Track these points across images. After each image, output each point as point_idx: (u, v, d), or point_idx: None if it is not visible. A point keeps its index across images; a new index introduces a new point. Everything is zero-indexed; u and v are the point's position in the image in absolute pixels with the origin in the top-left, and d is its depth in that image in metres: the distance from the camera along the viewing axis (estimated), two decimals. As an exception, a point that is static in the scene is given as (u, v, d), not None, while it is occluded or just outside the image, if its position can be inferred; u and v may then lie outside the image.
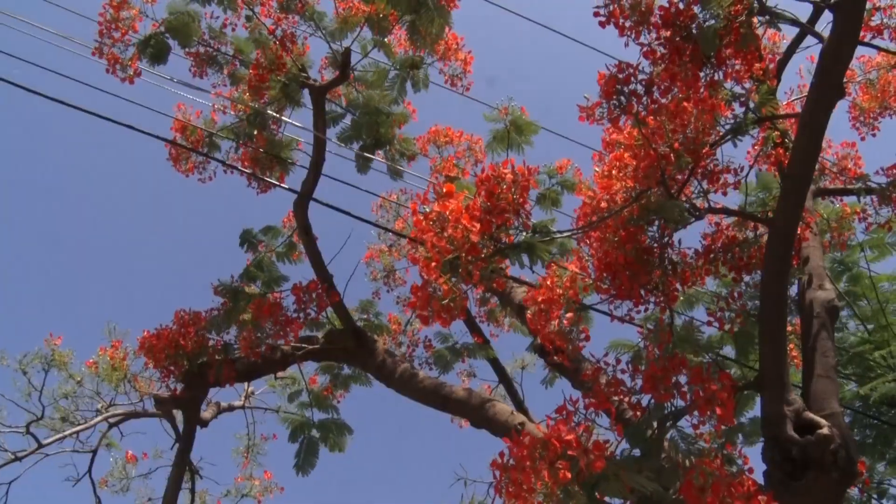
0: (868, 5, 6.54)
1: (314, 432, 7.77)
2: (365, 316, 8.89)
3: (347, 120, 8.60)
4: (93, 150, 22.49)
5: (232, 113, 8.27)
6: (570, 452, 3.54)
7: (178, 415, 8.22)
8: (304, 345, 7.55)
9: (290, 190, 7.54)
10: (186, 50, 7.71)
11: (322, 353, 7.72)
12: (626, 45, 4.70)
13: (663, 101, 4.58)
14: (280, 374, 9.07)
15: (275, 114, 7.98)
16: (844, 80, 4.48)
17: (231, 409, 10.57)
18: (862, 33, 4.42)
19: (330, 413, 8.15)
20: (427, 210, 4.14)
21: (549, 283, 5.03)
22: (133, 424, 10.07)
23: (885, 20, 6.99)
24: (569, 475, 3.45)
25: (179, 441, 7.92)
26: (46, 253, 22.49)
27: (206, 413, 9.17)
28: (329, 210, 6.62)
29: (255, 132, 8.07)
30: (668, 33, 4.44)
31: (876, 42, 6.85)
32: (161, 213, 23.85)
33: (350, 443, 8.21)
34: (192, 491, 10.13)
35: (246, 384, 10.81)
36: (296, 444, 7.68)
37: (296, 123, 8.07)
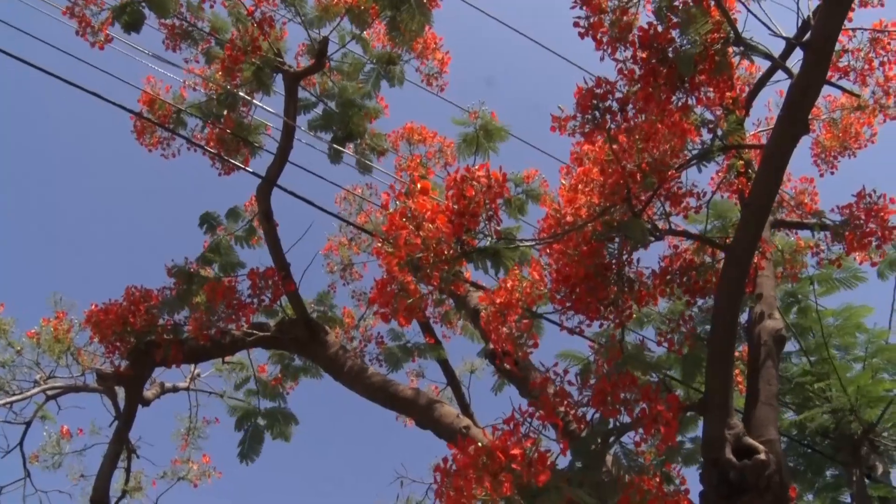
0: (837, 46, 6.71)
1: (260, 420, 7.69)
2: (320, 307, 8.83)
3: (319, 109, 8.54)
4: (50, 114, 22.00)
5: (202, 91, 8.15)
6: (514, 466, 3.55)
7: (120, 392, 8.08)
8: (255, 331, 7.46)
9: (254, 174, 7.45)
10: (162, 21, 7.58)
11: (273, 342, 7.65)
12: (602, 59, 4.75)
13: (636, 120, 4.63)
14: (228, 358, 8.95)
15: (246, 96, 7.88)
16: (810, 116, 4.58)
17: (175, 390, 10.42)
18: (829, 73, 4.53)
19: (277, 402, 8.08)
20: (401, 206, 4.12)
21: (508, 285, 5.05)
22: (71, 398, 9.86)
23: (852, 62, 7.17)
24: (511, 488, 3.47)
25: (119, 419, 7.78)
26: (-5, 216, 21.93)
27: (149, 392, 9.02)
28: (292, 198, 6.57)
29: (225, 113, 7.96)
30: (645, 54, 4.49)
31: (842, 83, 7.02)
32: (120, 185, 23.41)
33: (293, 433, 8.17)
34: (128, 470, 9.97)
35: (192, 366, 10.66)
36: (241, 431, 7.59)
37: (267, 108, 7.99)
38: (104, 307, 7.00)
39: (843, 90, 5.25)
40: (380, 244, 4.25)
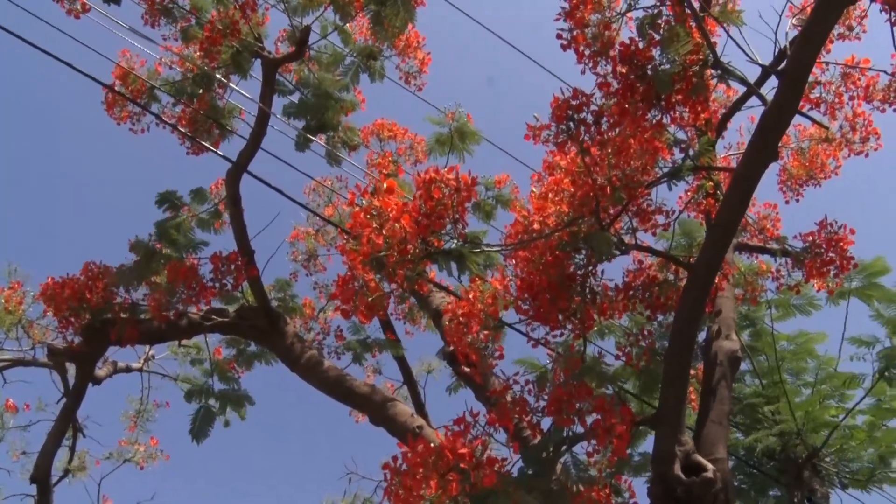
0: (810, 78, 6.84)
1: (212, 401, 7.61)
2: (280, 295, 8.75)
3: (295, 98, 8.47)
4: (17, 79, 21.49)
5: (178, 69, 8.03)
6: (462, 466, 3.56)
7: (71, 369, 7.92)
8: (214, 316, 7.37)
9: (224, 157, 7.37)
10: (143, -5, 7.45)
11: (231, 328, 7.56)
12: (583, 72, 4.79)
13: (610, 134, 4.67)
14: (184, 341, 8.83)
15: (222, 78, 7.78)
16: (779, 144, 4.66)
17: (128, 370, 10.24)
18: (801, 103, 4.60)
19: (231, 385, 8.00)
20: (366, 203, 4.10)
21: (470, 296, 5.05)
22: (19, 372, 9.63)
23: (823, 95, 7.33)
24: (458, 488, 3.47)
25: (68, 396, 7.63)
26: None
27: (100, 371, 8.86)
28: (260, 184, 6.51)
29: (200, 93, 7.85)
30: (625, 69, 4.53)
31: (812, 114, 7.16)
32: (86, 157, 22.99)
33: (245, 420, 8.10)
34: (72, 449, 9.77)
35: (147, 347, 10.50)
36: (191, 408, 7.52)
37: (243, 92, 7.90)
38: (61, 281, 6.86)
39: (814, 121, 5.36)
40: (345, 240, 4.22)
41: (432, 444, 3.67)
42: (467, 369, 5.43)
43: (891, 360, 7.23)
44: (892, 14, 4.89)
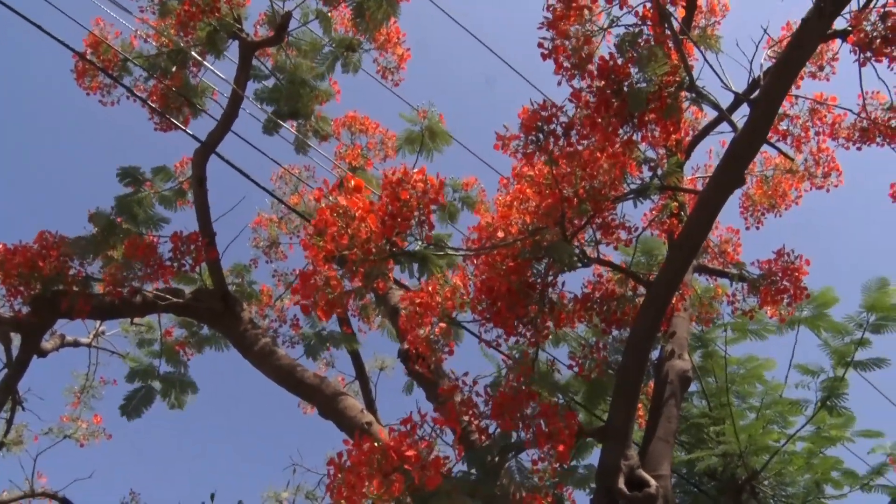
0: (780, 110, 6.98)
1: (155, 383, 7.49)
2: (238, 281, 8.66)
3: (269, 82, 8.39)
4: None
5: (153, 43, 7.89)
6: (406, 467, 3.56)
7: (16, 339, 7.72)
8: (169, 296, 7.25)
9: (193, 137, 7.26)
10: (120, -37, 7.32)
11: (186, 309, 7.44)
12: (559, 83, 4.82)
13: (579, 147, 4.70)
14: (137, 319, 8.68)
15: (198, 57, 7.67)
16: (746, 171, 4.75)
17: (76, 344, 10.04)
18: (769, 133, 4.69)
19: (178, 369, 7.88)
20: (333, 202, 4.08)
21: (430, 288, 5.05)
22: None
23: (791, 128, 7.49)
24: (401, 488, 3.47)
25: (10, 367, 7.43)
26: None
27: (47, 343, 8.67)
28: (226, 167, 6.43)
29: (173, 69, 7.73)
30: (602, 84, 4.56)
31: (779, 144, 7.32)
32: (50, 125, 22.49)
33: (191, 402, 8.00)
34: (10, 422, 9.55)
35: (98, 322, 10.30)
36: (132, 386, 7.39)
37: (217, 72, 7.79)
38: (13, 248, 6.68)
39: (780, 151, 5.46)
40: (308, 235, 4.19)
41: (378, 444, 3.66)
42: (418, 367, 5.43)
43: (833, 390, 7.39)
44: (862, 55, 5.00)
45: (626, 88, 4.51)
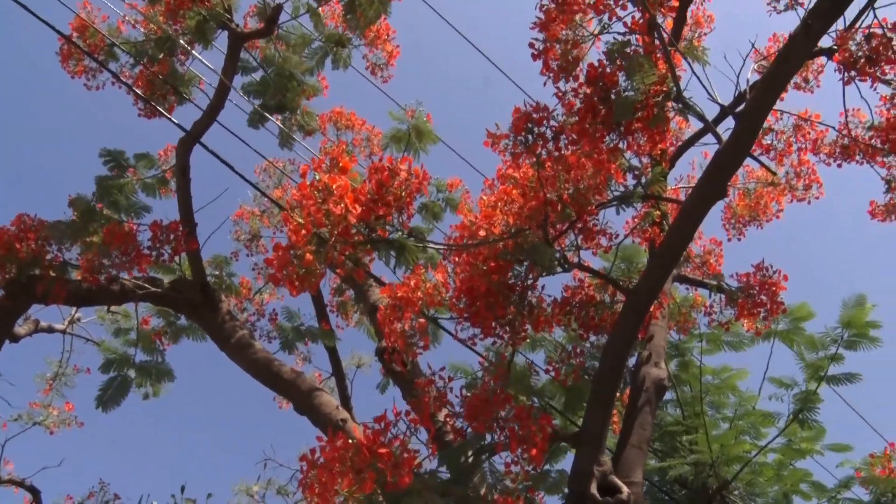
0: (765, 124, 7.04)
1: (131, 372, 7.42)
2: (217, 272, 8.61)
3: (257, 75, 8.35)
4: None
5: (141, 29, 7.83)
6: (379, 465, 3.55)
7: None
8: (147, 285, 7.19)
9: (178, 125, 7.21)
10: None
11: (164, 299, 7.38)
12: (545, 84, 4.83)
13: (566, 151, 4.72)
14: (113, 308, 8.60)
15: (186, 45, 7.62)
16: (729, 182, 4.78)
17: (50, 330, 9.93)
18: (753, 147, 4.73)
19: (154, 357, 7.82)
20: (316, 177, 4.06)
21: (412, 283, 5.04)
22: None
23: (774, 142, 7.57)
24: (372, 486, 3.47)
25: (-19, 350, 7.33)
26: None
27: (20, 328, 8.58)
28: (209, 158, 6.39)
29: (160, 57, 7.67)
30: (590, 90, 4.58)
31: (762, 158, 7.38)
32: (33, 108, 22.23)
33: (166, 391, 7.95)
34: (-22, 407, 9.43)
35: (74, 309, 10.19)
36: (106, 375, 7.31)
37: (205, 62, 7.75)
38: (-10, 229, 6.59)
39: (763, 165, 5.51)
40: (289, 210, 4.17)
41: (351, 441, 3.65)
42: (393, 363, 5.42)
43: (805, 403, 7.47)
44: (846, 74, 5.06)
45: (613, 96, 4.53)
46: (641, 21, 4.56)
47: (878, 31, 4.99)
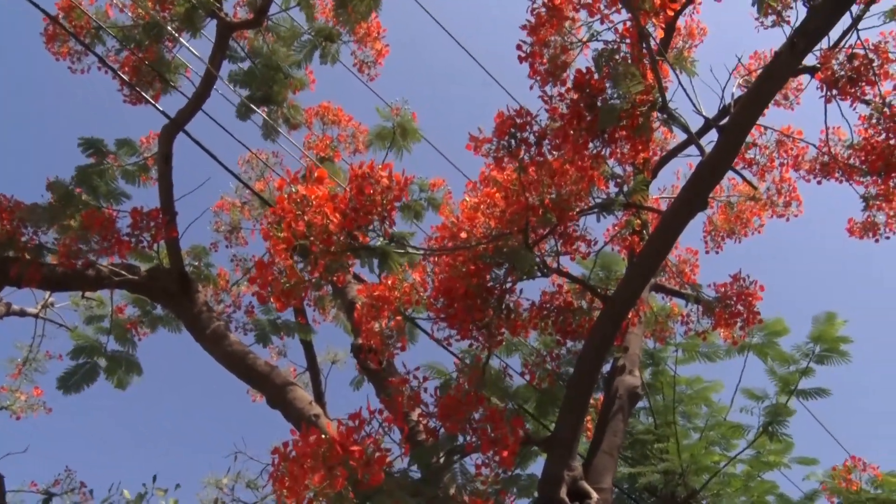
0: (748, 139, 7.12)
1: (101, 360, 7.34)
2: (195, 262, 8.55)
3: (244, 65, 8.31)
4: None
5: (129, 14, 7.76)
6: (351, 462, 3.54)
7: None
8: (124, 272, 7.12)
9: (163, 113, 7.14)
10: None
11: (141, 287, 7.31)
12: (531, 87, 4.85)
13: (549, 156, 4.74)
14: (88, 294, 8.51)
15: (174, 32, 7.56)
16: (711, 195, 4.83)
17: (22, 314, 9.81)
18: (736, 161, 4.78)
19: (127, 347, 7.74)
20: (294, 190, 4.06)
21: (389, 282, 5.04)
22: None
23: (757, 156, 7.64)
24: (343, 483, 3.46)
25: (-49, 330, 7.23)
26: None
27: (-9, 311, 8.47)
28: (192, 147, 6.34)
29: (147, 43, 7.60)
30: (576, 96, 4.60)
31: (745, 172, 7.46)
32: (15, 87, 21.94)
33: (135, 383, 7.86)
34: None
35: (47, 293, 10.07)
36: (74, 361, 7.23)
37: (193, 50, 7.69)
38: (-36, 208, 6.50)
39: (744, 179, 5.57)
40: (269, 224, 4.16)
41: (324, 436, 3.64)
42: (369, 361, 5.41)
43: (775, 416, 7.55)
44: (828, 92, 5.13)
45: (599, 103, 4.55)
46: (632, 29, 4.58)
47: (861, 52, 5.06)
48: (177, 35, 7.64)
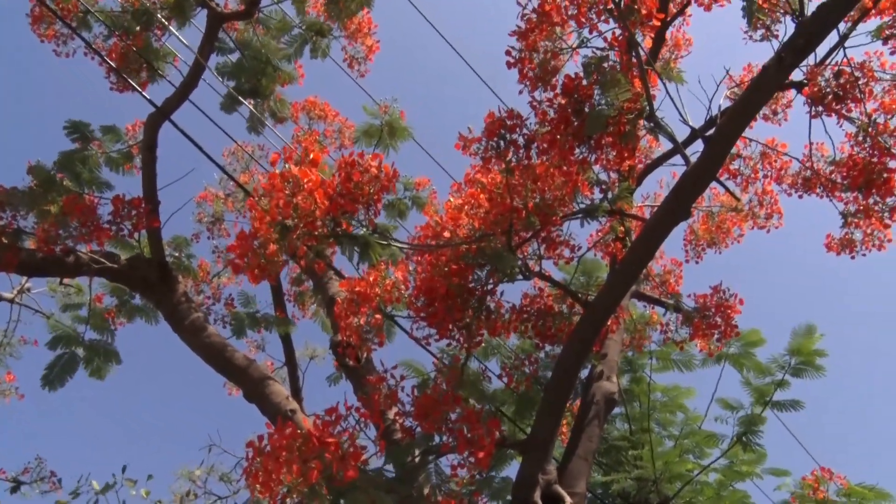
0: (733, 150, 7.17)
1: (79, 350, 7.26)
2: (176, 253, 8.50)
3: (233, 56, 8.27)
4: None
5: (118, 0, 7.70)
6: (326, 456, 3.54)
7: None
8: (103, 260, 7.06)
9: (149, 101, 7.09)
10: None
11: (120, 275, 7.25)
12: (521, 92, 4.86)
13: (537, 160, 4.75)
14: (67, 280, 8.42)
15: (163, 20, 7.51)
16: (693, 204, 4.86)
17: (-2, 299, 9.68)
18: (720, 171, 4.81)
19: (105, 336, 7.67)
20: (287, 168, 4.03)
21: (371, 278, 5.03)
22: None
23: (741, 168, 7.71)
24: (317, 476, 3.45)
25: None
26: None
27: (-34, 294, 8.36)
28: (177, 137, 6.30)
29: (136, 30, 7.55)
30: (564, 102, 4.62)
31: (728, 183, 7.51)
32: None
33: (113, 372, 7.79)
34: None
35: (24, 278, 9.95)
36: (54, 353, 7.15)
37: (182, 39, 7.65)
38: (-58, 190, 6.40)
39: (727, 190, 5.61)
40: (255, 198, 4.14)
41: (300, 431, 3.63)
42: (347, 358, 5.39)
43: (749, 426, 7.61)
44: (814, 108, 5.18)
45: (587, 109, 4.57)
46: (621, 38, 4.61)
47: (847, 70, 5.12)
48: (166, 23, 7.59)
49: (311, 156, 4.13)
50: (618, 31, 4.63)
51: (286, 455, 3.46)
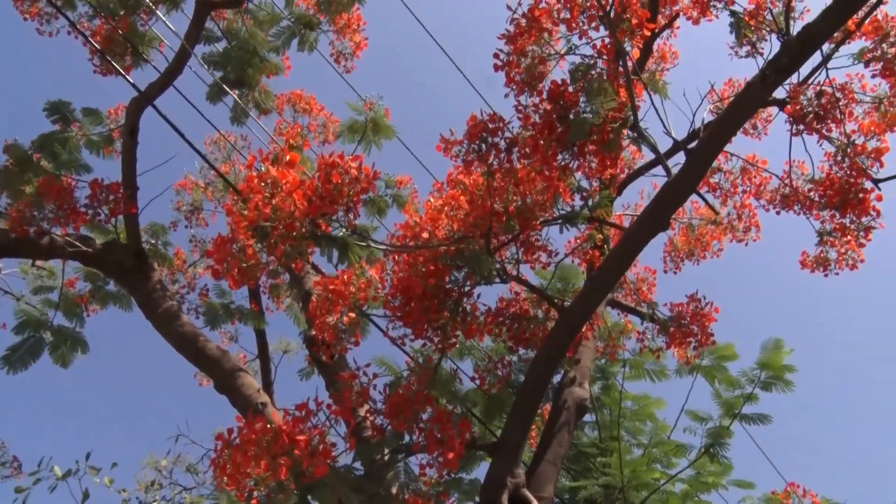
0: (715, 164, 7.24)
1: (47, 335, 7.15)
2: (153, 240, 8.42)
3: (219, 45, 8.22)
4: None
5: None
6: (296, 452, 3.53)
7: None
8: (78, 243, 6.98)
9: (133, 85, 7.02)
10: None
11: (94, 260, 7.17)
12: (507, 95, 4.88)
13: (518, 164, 4.76)
14: (39, 263, 8.30)
15: (151, 4, 7.44)
16: (673, 216, 4.90)
17: (-34, 278, 9.54)
18: (700, 184, 4.86)
19: (74, 323, 7.57)
20: (264, 170, 4.01)
21: (346, 277, 5.02)
22: None
23: (721, 182, 7.78)
24: (286, 472, 3.44)
25: None
26: None
27: (-66, 273, 8.21)
28: (158, 123, 6.24)
29: (122, 13, 7.47)
30: (549, 107, 4.64)
31: (708, 196, 7.58)
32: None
33: (80, 360, 7.68)
34: None
35: (-5, 259, 9.80)
36: (19, 336, 7.03)
37: (169, 24, 7.58)
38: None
39: (707, 203, 5.66)
40: (234, 201, 4.11)
41: (270, 425, 3.62)
42: (322, 355, 5.37)
43: (717, 438, 7.68)
44: (795, 126, 5.24)
45: (571, 116, 4.59)
46: (609, 46, 4.64)
47: (829, 90, 5.18)
48: (153, 7, 7.53)
49: (288, 157, 4.11)
50: (607, 39, 4.66)
51: (255, 450, 3.45)
